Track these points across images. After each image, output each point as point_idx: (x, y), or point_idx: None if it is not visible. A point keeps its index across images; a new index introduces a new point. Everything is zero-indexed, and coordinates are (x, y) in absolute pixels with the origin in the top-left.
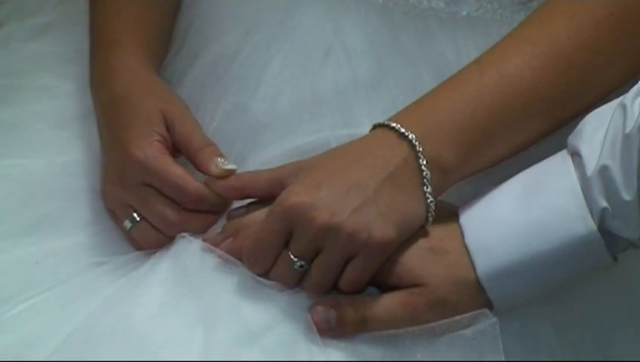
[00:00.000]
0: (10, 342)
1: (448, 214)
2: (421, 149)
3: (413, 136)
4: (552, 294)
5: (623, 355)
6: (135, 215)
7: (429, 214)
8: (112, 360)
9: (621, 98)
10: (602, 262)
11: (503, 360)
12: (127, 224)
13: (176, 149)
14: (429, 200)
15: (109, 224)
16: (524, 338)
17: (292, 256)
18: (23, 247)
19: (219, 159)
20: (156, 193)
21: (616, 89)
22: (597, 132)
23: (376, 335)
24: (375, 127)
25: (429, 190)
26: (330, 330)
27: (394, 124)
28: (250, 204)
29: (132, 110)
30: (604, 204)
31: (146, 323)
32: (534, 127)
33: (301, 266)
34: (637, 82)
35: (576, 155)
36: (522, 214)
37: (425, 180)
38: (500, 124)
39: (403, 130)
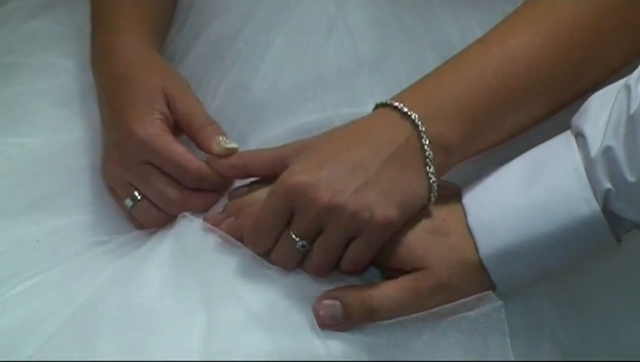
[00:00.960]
0: (11, 322)
1: (451, 194)
2: (424, 129)
3: (416, 116)
4: (556, 276)
5: (627, 337)
6: (136, 193)
7: (432, 194)
8: (113, 342)
9: (625, 79)
10: (606, 243)
11: (509, 343)
12: (128, 202)
13: (178, 128)
14: (431, 180)
15: (109, 203)
16: (526, 319)
17: (293, 236)
18: (24, 226)
19: (220, 138)
20: (157, 171)
21: (620, 68)
22: (601, 113)
23: None
24: (378, 106)
25: (431, 170)
26: (336, 325)
27: (397, 104)
28: (251, 183)
29: (134, 88)
30: (608, 185)
31: (148, 305)
32: (537, 106)
33: (303, 246)
34: None
35: (580, 136)
36: (525, 195)
37: (427, 160)
38: (504, 103)
39: (406, 109)
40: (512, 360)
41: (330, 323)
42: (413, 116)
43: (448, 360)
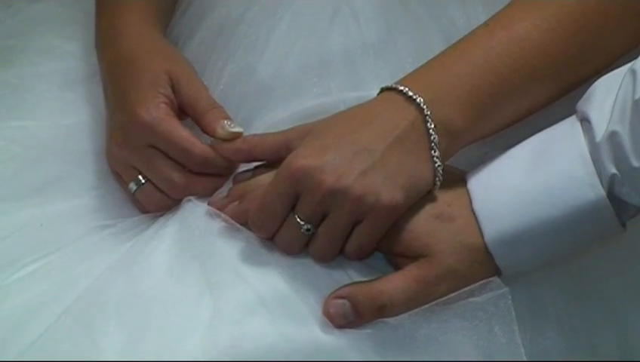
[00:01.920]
0: (16, 306)
1: (456, 179)
2: (429, 113)
3: (422, 100)
4: (561, 262)
5: (631, 324)
6: (140, 177)
7: (437, 178)
8: (118, 326)
9: (631, 63)
10: (611, 229)
11: (517, 330)
12: (132, 186)
13: (182, 111)
14: (436, 165)
15: (114, 187)
16: (531, 305)
17: (298, 220)
18: (28, 210)
19: (225, 121)
20: (162, 155)
21: (625, 53)
22: (606, 98)
23: None
24: (383, 90)
25: (436, 154)
26: (348, 323)
27: (402, 87)
28: (256, 167)
29: (138, 71)
30: (613, 170)
31: (152, 289)
32: (543, 90)
33: (307, 230)
34: None
35: (585, 121)
36: (530, 180)
37: (433, 144)
38: (509, 87)
39: (411, 93)
40: (520, 346)
41: (341, 322)
42: (418, 100)
43: (455, 347)
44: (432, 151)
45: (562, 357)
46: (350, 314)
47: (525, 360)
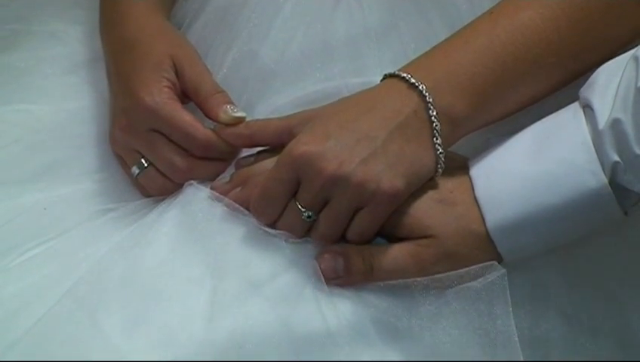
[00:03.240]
0: (18, 290)
1: (458, 166)
2: (432, 100)
3: (424, 87)
4: (564, 249)
5: (632, 308)
6: (143, 161)
7: (439, 166)
8: (119, 308)
9: (634, 50)
10: (613, 216)
11: (511, 311)
12: (135, 170)
13: (185, 95)
14: (438, 152)
15: (116, 171)
16: (532, 289)
17: (300, 206)
18: (31, 194)
19: (228, 106)
20: (165, 139)
21: (629, 42)
22: (609, 85)
23: (386, 285)
24: (386, 76)
25: (438, 141)
26: (337, 278)
27: (405, 74)
28: (259, 152)
29: (142, 55)
30: (615, 157)
31: (154, 272)
32: (546, 79)
33: (309, 216)
34: None
35: (587, 108)
36: (533, 167)
37: (435, 131)
38: (512, 75)
39: (414, 80)
40: (514, 329)
41: (331, 275)
42: (421, 87)
43: (450, 327)
44: (434, 139)
45: (562, 342)
46: (341, 269)
47: (517, 342)
